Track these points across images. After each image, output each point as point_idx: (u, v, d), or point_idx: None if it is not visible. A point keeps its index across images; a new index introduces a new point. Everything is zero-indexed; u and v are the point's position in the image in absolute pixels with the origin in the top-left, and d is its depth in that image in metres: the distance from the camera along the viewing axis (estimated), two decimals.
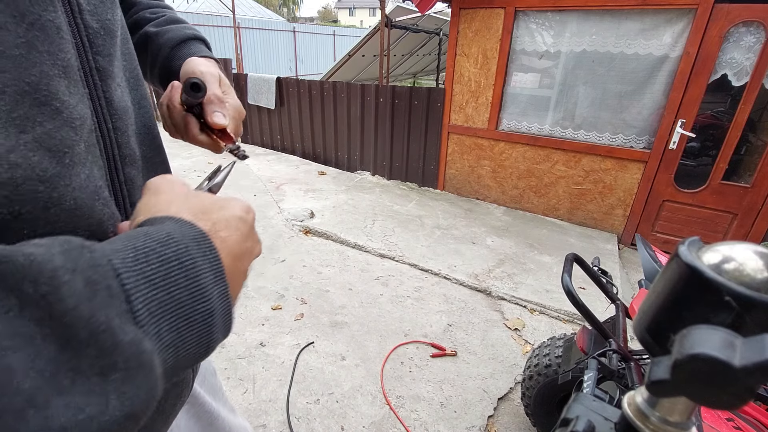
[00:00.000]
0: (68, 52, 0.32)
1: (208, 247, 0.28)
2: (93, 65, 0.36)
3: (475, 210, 3.79)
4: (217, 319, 0.27)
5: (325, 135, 4.83)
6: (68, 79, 0.32)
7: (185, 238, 0.27)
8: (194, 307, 0.26)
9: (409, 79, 11.49)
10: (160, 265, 0.24)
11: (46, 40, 0.30)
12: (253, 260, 0.36)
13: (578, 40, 3.11)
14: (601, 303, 2.34)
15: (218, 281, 0.28)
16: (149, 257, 0.24)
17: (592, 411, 0.34)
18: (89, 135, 0.34)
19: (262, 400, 1.74)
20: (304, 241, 3.13)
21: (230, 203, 0.35)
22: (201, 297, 0.26)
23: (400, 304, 2.43)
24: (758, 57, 2.59)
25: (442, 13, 7.16)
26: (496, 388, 1.87)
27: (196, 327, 0.26)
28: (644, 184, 3.17)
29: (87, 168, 0.33)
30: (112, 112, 0.39)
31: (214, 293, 0.27)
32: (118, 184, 0.40)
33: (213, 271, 0.28)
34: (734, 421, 0.94)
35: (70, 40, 0.33)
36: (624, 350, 1.09)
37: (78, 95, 0.33)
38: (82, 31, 0.35)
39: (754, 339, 0.21)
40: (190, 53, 0.59)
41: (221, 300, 0.28)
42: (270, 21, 14.35)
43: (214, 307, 0.27)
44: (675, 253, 0.26)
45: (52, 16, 0.31)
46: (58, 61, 0.31)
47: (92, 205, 0.33)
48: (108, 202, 0.36)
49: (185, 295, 0.25)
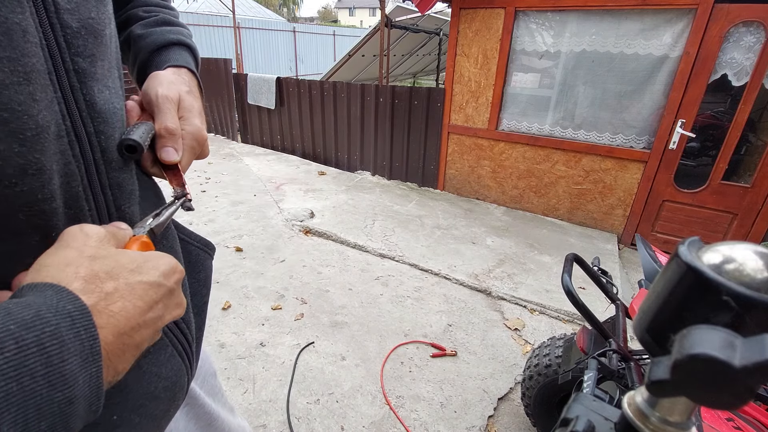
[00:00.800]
0: (34, 55, 0.31)
1: (85, 325, 0.26)
2: (71, 67, 0.35)
3: (475, 210, 3.79)
4: (77, 407, 0.25)
5: (325, 135, 4.83)
6: (32, 85, 0.30)
7: (58, 315, 0.25)
8: (50, 396, 0.23)
9: (409, 79, 11.49)
10: (16, 352, 0.22)
11: (8, 46, 0.29)
12: (164, 324, 0.33)
13: (578, 40, 3.12)
14: (601, 303, 2.34)
15: (88, 364, 0.26)
16: (4, 344, 0.22)
17: (592, 411, 0.34)
18: (54, 142, 0.33)
19: (262, 400, 1.74)
20: (304, 241, 3.13)
21: (149, 264, 0.32)
22: (61, 384, 0.24)
23: (400, 304, 2.43)
24: (758, 57, 2.59)
25: (442, 13, 7.16)
26: (496, 388, 1.87)
27: (48, 416, 0.23)
28: (644, 184, 3.17)
29: (35, 180, 0.31)
30: (93, 115, 0.37)
31: (79, 379, 0.25)
32: (99, 189, 0.38)
33: (83, 355, 0.25)
34: (734, 421, 0.94)
35: (37, 43, 0.31)
36: (624, 350, 1.09)
37: (44, 101, 0.32)
38: (58, 32, 0.34)
39: (754, 339, 0.21)
40: (166, 60, 0.54)
41: (88, 384, 0.26)
42: (270, 21, 14.35)
43: (76, 393, 0.25)
44: (675, 253, 0.26)
45: (19, 18, 0.30)
46: (19, 67, 0.29)
47: (10, 215, 0.31)
48: (47, 214, 0.33)
49: (41, 385, 0.23)
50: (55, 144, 0.33)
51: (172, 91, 0.48)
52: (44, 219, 0.33)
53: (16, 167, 0.30)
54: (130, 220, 0.42)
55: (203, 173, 4.49)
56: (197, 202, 3.71)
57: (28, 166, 0.31)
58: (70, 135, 0.35)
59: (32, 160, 0.31)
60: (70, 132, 0.35)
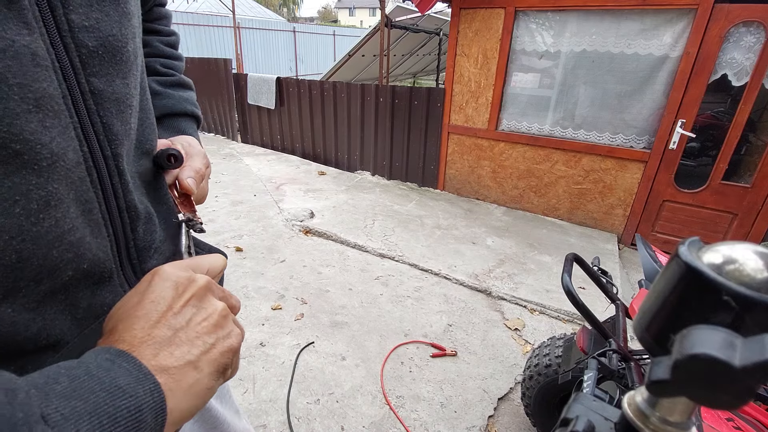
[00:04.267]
0: (45, 80, 0.29)
1: (158, 398, 0.28)
2: (86, 88, 0.33)
3: (475, 210, 3.79)
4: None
5: (325, 135, 4.83)
6: (42, 111, 0.29)
7: (137, 394, 0.27)
8: None
9: (409, 79, 11.49)
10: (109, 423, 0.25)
11: (18, 71, 0.27)
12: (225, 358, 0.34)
13: (578, 40, 3.12)
14: (601, 303, 2.34)
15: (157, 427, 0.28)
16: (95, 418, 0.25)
17: (592, 411, 0.34)
18: (72, 170, 0.32)
19: (262, 400, 1.74)
20: (304, 241, 3.13)
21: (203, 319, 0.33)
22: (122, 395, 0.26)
23: (400, 304, 2.43)
24: (758, 57, 2.59)
25: (442, 13, 7.16)
26: (496, 388, 1.87)
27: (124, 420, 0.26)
28: (644, 184, 3.17)
29: (58, 211, 0.31)
30: (111, 138, 0.36)
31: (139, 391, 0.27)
32: (117, 212, 0.38)
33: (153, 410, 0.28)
34: (734, 421, 0.94)
35: (49, 66, 0.30)
36: (624, 350, 1.09)
37: (58, 128, 0.30)
38: (73, 52, 0.32)
39: (754, 339, 0.21)
40: (179, 128, 0.60)
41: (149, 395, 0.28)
42: (270, 21, 14.35)
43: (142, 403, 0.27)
44: (675, 253, 0.26)
45: (26, 40, 0.28)
46: (29, 94, 0.28)
47: (46, 254, 0.30)
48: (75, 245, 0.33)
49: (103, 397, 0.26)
50: (74, 172, 0.32)
51: (203, 152, 0.57)
52: (73, 251, 0.33)
53: (39, 201, 0.29)
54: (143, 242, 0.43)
55: None
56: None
57: (50, 197, 0.30)
58: (88, 161, 0.34)
59: (52, 191, 0.30)
60: (88, 158, 0.34)
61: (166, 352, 0.30)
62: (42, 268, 0.31)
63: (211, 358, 0.32)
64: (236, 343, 0.35)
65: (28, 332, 0.31)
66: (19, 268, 0.29)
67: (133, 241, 0.41)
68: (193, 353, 0.31)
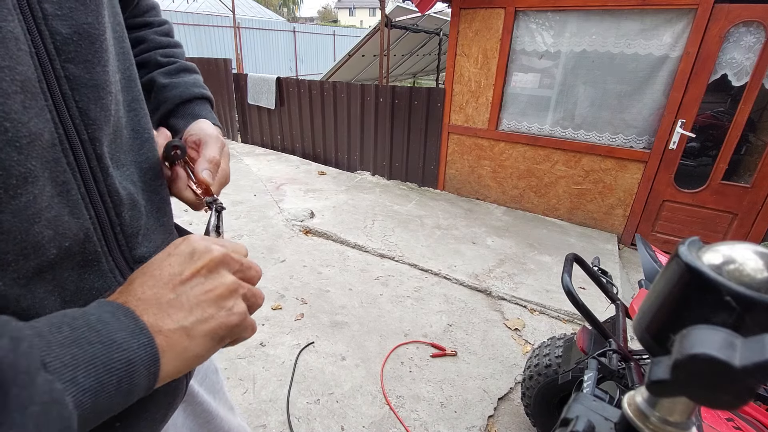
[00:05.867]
0: (26, 64, 0.31)
1: (151, 352, 0.31)
2: (61, 74, 0.35)
3: (475, 210, 3.79)
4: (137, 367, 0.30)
5: (325, 135, 4.83)
6: (25, 93, 0.31)
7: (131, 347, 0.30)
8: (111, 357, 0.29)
9: (409, 79, 11.49)
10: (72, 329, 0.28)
11: (6, 55, 0.29)
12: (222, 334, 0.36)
13: (578, 40, 3.12)
14: (601, 303, 2.34)
15: (139, 330, 0.31)
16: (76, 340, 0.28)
17: (592, 411, 0.34)
18: (47, 150, 0.33)
19: (262, 400, 1.74)
20: (304, 241, 3.13)
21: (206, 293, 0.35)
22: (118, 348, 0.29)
23: (400, 304, 2.43)
24: (758, 57, 2.59)
25: (442, 13, 7.16)
26: (496, 388, 1.87)
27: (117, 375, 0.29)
28: (644, 184, 3.17)
29: (35, 187, 0.32)
30: (88, 122, 0.37)
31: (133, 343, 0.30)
32: (98, 196, 0.39)
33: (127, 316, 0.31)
34: (734, 421, 0.94)
35: (27, 50, 0.31)
36: (624, 350, 1.09)
37: (35, 109, 0.32)
38: (47, 39, 0.33)
39: (754, 339, 0.21)
40: (194, 113, 0.61)
41: (144, 348, 0.31)
42: (270, 21, 14.35)
43: (134, 356, 0.30)
44: (675, 253, 0.26)
45: (11, 26, 0.30)
46: (17, 76, 0.30)
47: (27, 229, 0.32)
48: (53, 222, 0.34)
49: (99, 350, 0.28)
50: (49, 152, 0.33)
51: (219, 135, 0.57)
52: (52, 228, 0.34)
53: (19, 176, 0.31)
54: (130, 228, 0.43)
55: None
56: None
57: (29, 174, 0.31)
58: (63, 143, 0.35)
59: (31, 168, 0.31)
60: (64, 140, 0.35)
61: (164, 313, 0.32)
62: (26, 243, 0.32)
63: (205, 329, 0.34)
64: (235, 320, 0.36)
65: (18, 307, 0.32)
66: (3, 240, 0.30)
67: (120, 226, 0.41)
68: (188, 320, 0.33)
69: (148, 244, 0.46)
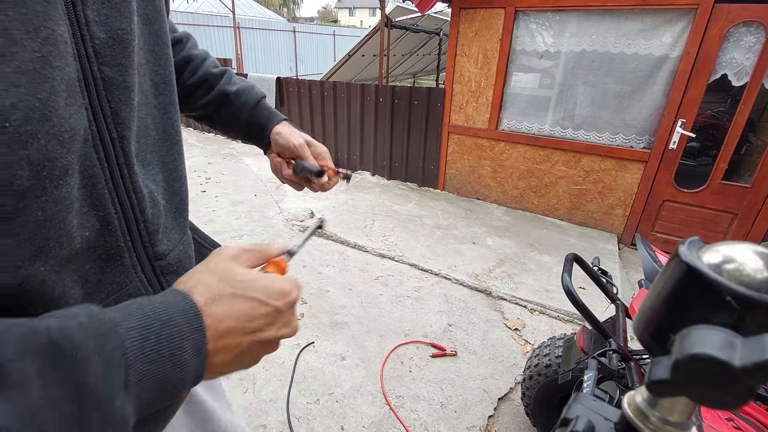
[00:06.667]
0: (71, 65, 0.33)
1: (198, 326, 0.33)
2: (98, 75, 0.37)
3: (475, 210, 3.79)
4: (186, 384, 0.32)
5: (325, 135, 4.82)
6: (68, 91, 0.33)
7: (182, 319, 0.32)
8: (171, 376, 0.31)
9: (409, 79, 11.49)
10: (156, 344, 0.30)
11: (58, 56, 0.31)
12: (270, 339, 0.37)
13: (578, 40, 3.11)
14: (601, 303, 2.34)
15: (198, 354, 0.32)
16: (149, 335, 0.30)
17: (592, 411, 0.34)
18: (82, 145, 0.35)
19: (262, 400, 1.74)
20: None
21: (258, 284, 0.37)
22: (180, 369, 0.31)
23: (400, 304, 2.43)
24: (758, 57, 2.59)
25: (442, 13, 7.16)
26: (496, 388, 1.87)
27: (168, 391, 0.31)
28: (644, 184, 3.17)
29: (72, 179, 0.34)
30: (117, 122, 0.39)
31: (190, 365, 0.32)
32: (124, 191, 0.41)
33: (194, 348, 0.32)
34: (734, 421, 0.94)
35: (72, 53, 0.34)
36: (624, 350, 1.09)
37: (74, 107, 0.34)
38: (88, 42, 0.36)
39: (754, 339, 0.21)
40: (264, 116, 0.72)
41: (195, 371, 0.32)
42: (270, 21, 14.34)
43: (187, 376, 0.32)
44: (675, 253, 0.26)
45: (61, 30, 0.32)
46: (65, 76, 0.32)
47: (64, 218, 0.34)
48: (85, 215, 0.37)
49: (167, 368, 0.30)
50: (83, 147, 0.36)
51: (301, 137, 0.70)
52: (78, 218, 0.36)
53: (61, 168, 0.33)
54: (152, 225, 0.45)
55: (203, 173, 4.49)
56: (197, 202, 3.71)
57: (69, 166, 0.34)
58: (95, 140, 0.37)
59: (70, 161, 0.34)
60: (96, 137, 0.37)
61: (223, 340, 0.34)
62: (62, 231, 0.34)
63: (245, 362, 0.37)
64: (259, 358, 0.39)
65: (53, 293, 0.34)
66: (47, 227, 0.32)
67: (144, 222, 0.44)
68: (234, 354, 0.35)
69: (167, 242, 0.49)
